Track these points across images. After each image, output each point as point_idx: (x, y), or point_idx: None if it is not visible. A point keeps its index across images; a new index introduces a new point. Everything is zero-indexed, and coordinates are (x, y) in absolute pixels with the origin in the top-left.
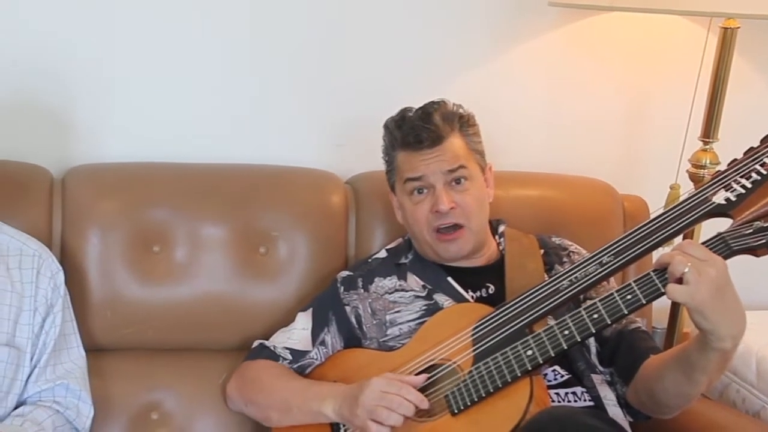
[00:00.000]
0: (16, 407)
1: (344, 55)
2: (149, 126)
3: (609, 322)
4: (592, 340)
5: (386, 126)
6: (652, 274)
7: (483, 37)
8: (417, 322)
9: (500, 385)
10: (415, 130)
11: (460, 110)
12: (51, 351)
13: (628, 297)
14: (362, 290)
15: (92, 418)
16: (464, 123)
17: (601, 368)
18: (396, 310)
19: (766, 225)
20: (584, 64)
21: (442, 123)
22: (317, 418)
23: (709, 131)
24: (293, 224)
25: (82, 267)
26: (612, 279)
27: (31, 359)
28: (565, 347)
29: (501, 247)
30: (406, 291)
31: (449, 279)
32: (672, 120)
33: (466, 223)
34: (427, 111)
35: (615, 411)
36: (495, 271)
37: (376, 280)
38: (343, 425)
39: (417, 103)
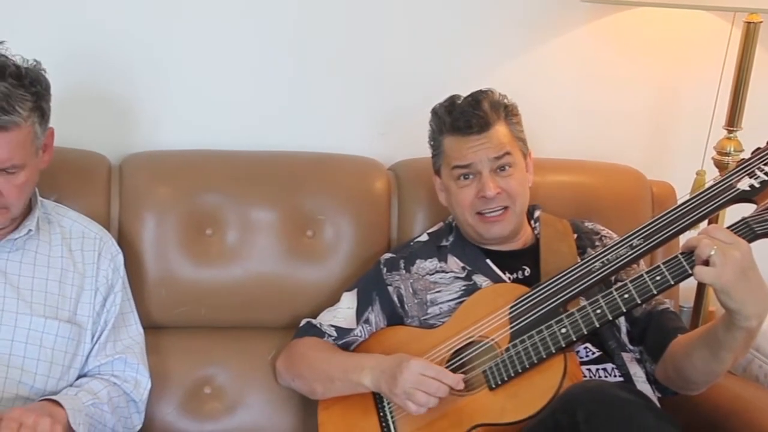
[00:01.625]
0: None
1: (387, 49)
2: (202, 115)
3: (639, 302)
4: (622, 320)
5: (435, 111)
6: (680, 256)
7: (520, 31)
8: (456, 301)
9: (536, 361)
10: (465, 115)
11: (505, 100)
12: (110, 328)
13: (658, 278)
14: (404, 271)
15: (149, 390)
16: (509, 112)
17: (630, 347)
18: (436, 290)
19: None
20: (615, 57)
21: (490, 110)
22: (357, 388)
23: (733, 120)
24: (339, 209)
25: (139, 249)
26: (642, 261)
27: (92, 336)
28: (597, 325)
29: (536, 232)
30: (446, 272)
31: (488, 261)
32: (698, 109)
33: (511, 205)
34: (477, 98)
35: (644, 387)
36: (530, 254)
37: (417, 261)
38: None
39: (457, 93)
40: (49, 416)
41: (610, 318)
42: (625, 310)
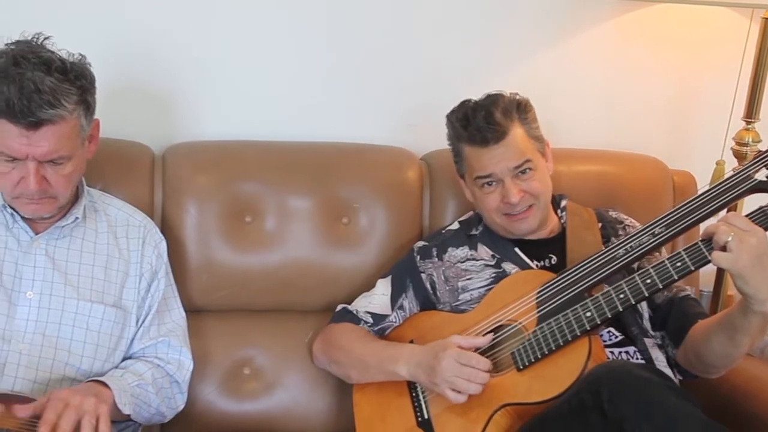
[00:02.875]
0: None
1: (419, 44)
2: (242, 107)
3: (661, 287)
4: (645, 307)
5: (449, 120)
6: (699, 243)
7: (547, 26)
8: (486, 288)
9: (561, 344)
10: (481, 132)
11: (517, 97)
12: (154, 312)
13: (678, 264)
14: (437, 259)
15: (192, 371)
16: (522, 110)
17: (652, 332)
18: (467, 277)
19: None
20: (638, 51)
21: (503, 119)
22: (392, 377)
23: (751, 112)
24: (373, 197)
25: (181, 235)
26: (663, 248)
27: (137, 320)
28: (621, 309)
29: (563, 221)
30: (477, 260)
31: (516, 249)
32: (717, 102)
33: (535, 202)
34: (489, 110)
35: (665, 371)
36: (557, 242)
37: (449, 249)
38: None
39: (486, 86)
40: (95, 396)
41: (633, 302)
42: (647, 295)
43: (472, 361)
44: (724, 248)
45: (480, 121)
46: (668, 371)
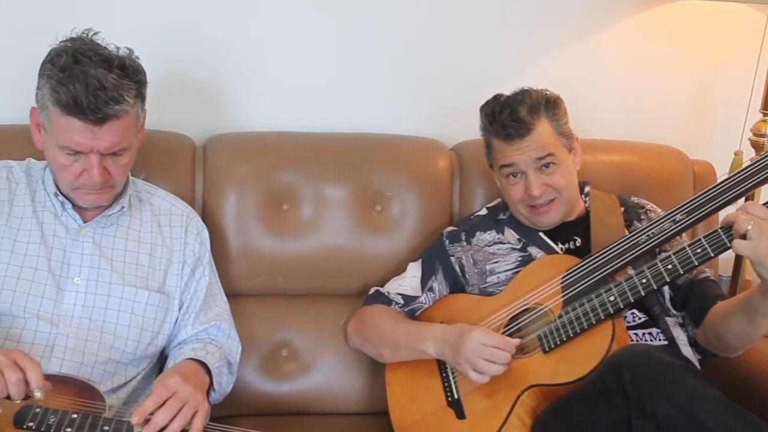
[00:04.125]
0: (164, 351)
1: (450, 39)
2: (280, 99)
3: (681, 272)
4: (666, 288)
5: (481, 113)
6: (719, 230)
7: (573, 21)
8: (513, 271)
9: (586, 327)
10: (506, 128)
11: (547, 92)
12: (203, 299)
13: (699, 250)
14: (465, 243)
15: (240, 353)
16: (550, 106)
17: (674, 312)
18: (495, 260)
19: None
20: (659, 46)
21: (528, 116)
22: (421, 355)
23: None
24: (405, 185)
25: (221, 223)
26: (684, 234)
27: (179, 305)
28: (643, 294)
29: (587, 205)
30: (504, 244)
31: (541, 233)
32: (736, 94)
33: (558, 196)
34: (515, 108)
35: (686, 350)
36: (581, 226)
37: (477, 234)
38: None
39: (514, 79)
40: (201, 390)
41: (655, 287)
42: (668, 280)
43: (500, 343)
44: (744, 236)
45: (505, 118)
46: (689, 350)
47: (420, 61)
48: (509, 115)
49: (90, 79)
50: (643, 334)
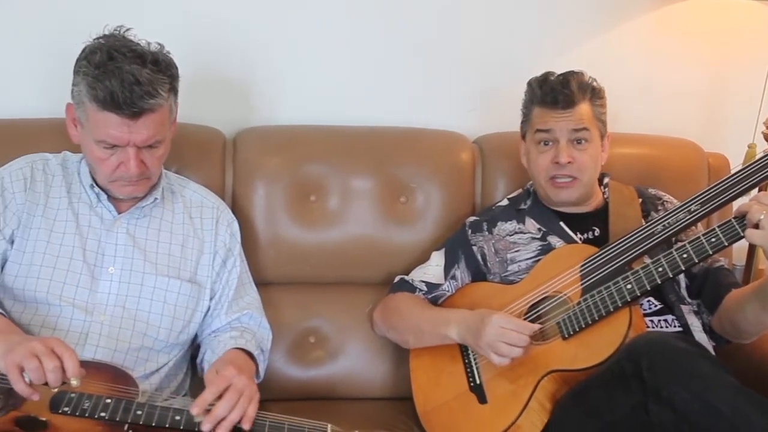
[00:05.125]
0: (195, 338)
1: (473, 35)
2: (308, 93)
3: (696, 261)
4: (681, 276)
5: (529, 83)
6: (733, 220)
7: (592, 17)
8: (533, 259)
9: (604, 314)
10: (554, 92)
11: (594, 83)
12: (235, 288)
13: (713, 240)
14: (487, 233)
15: (271, 341)
16: (595, 95)
17: (689, 300)
18: (515, 249)
19: None
20: (675, 42)
21: (577, 90)
22: (444, 340)
23: None
24: (429, 177)
25: (251, 214)
26: (699, 224)
27: (211, 295)
28: (659, 282)
29: (605, 196)
30: (524, 233)
31: (561, 223)
32: (749, 89)
33: (579, 176)
34: (567, 78)
35: (701, 336)
36: (600, 216)
37: (498, 224)
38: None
39: (531, 75)
40: (251, 379)
41: (671, 275)
42: (684, 268)
43: (519, 327)
44: (756, 226)
45: (556, 85)
46: (703, 336)
47: (443, 58)
48: (560, 83)
49: (125, 75)
50: (659, 320)
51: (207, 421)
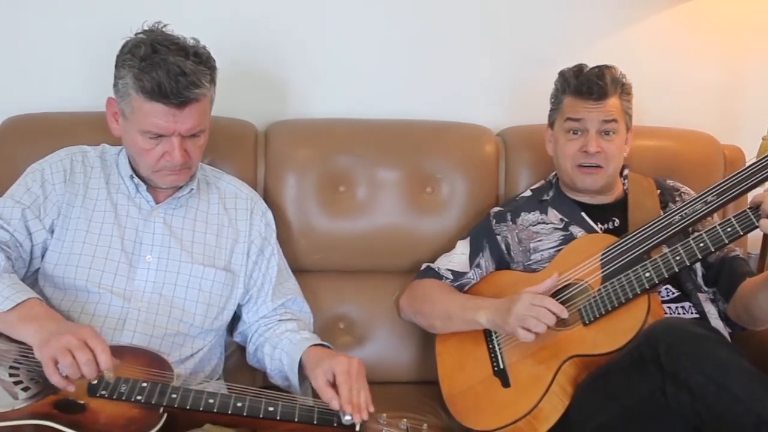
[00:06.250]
0: (232, 324)
1: (496, 31)
2: (338, 87)
3: (713, 250)
4: (698, 265)
5: (562, 73)
6: (748, 211)
7: (612, 14)
8: (555, 249)
9: (623, 301)
10: (590, 83)
11: (624, 79)
12: (276, 274)
13: (729, 229)
14: (511, 223)
15: (312, 322)
16: (624, 90)
17: (705, 288)
18: (538, 239)
19: None
20: (692, 37)
21: (610, 83)
22: (472, 325)
23: None
24: (454, 169)
25: (282, 204)
26: (715, 215)
27: (252, 284)
28: (677, 270)
29: (625, 188)
30: (547, 224)
31: (582, 214)
32: (764, 83)
33: (605, 165)
34: (602, 70)
35: (717, 323)
36: (620, 207)
37: (522, 214)
38: (494, 332)
39: (555, 69)
40: None
41: (688, 264)
42: (700, 257)
43: (544, 302)
44: None
45: (591, 76)
46: (719, 323)
47: (469, 55)
48: (596, 75)
49: (170, 66)
50: (676, 307)
51: (356, 413)
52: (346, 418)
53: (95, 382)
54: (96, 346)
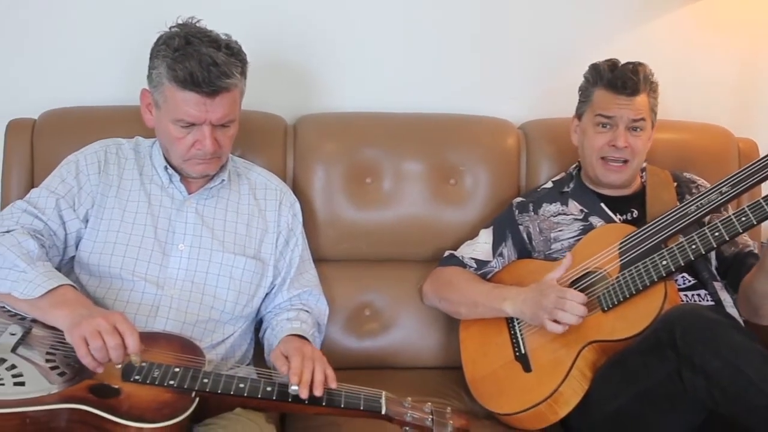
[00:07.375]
0: (258, 312)
1: (517, 28)
2: (365, 81)
3: (727, 239)
4: (713, 257)
5: (595, 66)
6: (761, 201)
7: (630, 11)
8: (575, 239)
9: (641, 288)
10: (624, 77)
11: (653, 78)
12: (296, 266)
13: (743, 219)
14: (532, 213)
15: (328, 315)
16: (653, 88)
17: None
18: (559, 229)
19: None
20: (708, 33)
21: (643, 80)
22: (497, 314)
23: None
24: (477, 161)
25: (310, 195)
26: (729, 205)
27: (273, 271)
28: (692, 258)
29: (643, 180)
30: (567, 215)
31: (602, 205)
32: None
33: (631, 160)
34: (636, 67)
35: (732, 311)
36: (638, 199)
37: (543, 205)
38: (517, 320)
39: (574, 65)
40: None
41: (703, 252)
42: (715, 245)
43: (570, 295)
44: None
45: (626, 71)
46: (734, 311)
47: (492, 50)
48: (630, 71)
49: (203, 57)
50: (692, 295)
51: (303, 387)
52: (293, 388)
53: (119, 366)
54: (125, 331)
